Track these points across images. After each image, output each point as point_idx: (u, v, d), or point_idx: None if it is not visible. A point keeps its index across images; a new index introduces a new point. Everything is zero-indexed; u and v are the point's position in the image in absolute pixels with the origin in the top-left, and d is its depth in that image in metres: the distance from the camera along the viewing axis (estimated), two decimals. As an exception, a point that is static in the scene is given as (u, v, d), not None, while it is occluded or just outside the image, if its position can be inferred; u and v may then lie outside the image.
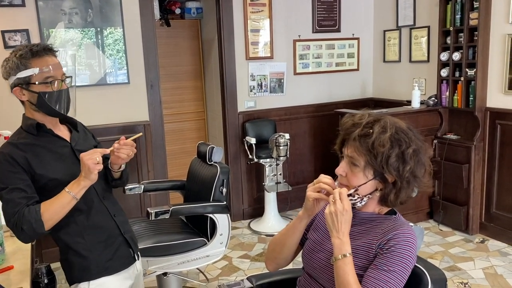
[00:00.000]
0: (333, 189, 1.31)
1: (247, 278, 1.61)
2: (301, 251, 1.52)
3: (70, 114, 1.68)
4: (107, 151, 1.61)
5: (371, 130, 1.28)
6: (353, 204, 1.33)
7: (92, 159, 1.51)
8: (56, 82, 1.59)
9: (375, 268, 1.25)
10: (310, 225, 1.52)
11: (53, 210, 1.54)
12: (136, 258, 1.85)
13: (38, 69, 1.56)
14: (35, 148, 1.61)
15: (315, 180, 1.38)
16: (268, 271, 1.62)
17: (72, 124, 1.78)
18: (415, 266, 1.31)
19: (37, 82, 1.57)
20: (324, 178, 1.35)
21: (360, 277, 1.26)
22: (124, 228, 1.81)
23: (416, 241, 1.29)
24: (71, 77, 1.67)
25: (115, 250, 1.75)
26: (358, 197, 1.32)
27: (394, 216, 1.37)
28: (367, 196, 1.33)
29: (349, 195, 1.30)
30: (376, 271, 1.24)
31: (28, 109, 1.65)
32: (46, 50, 1.60)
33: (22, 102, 1.65)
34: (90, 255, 1.69)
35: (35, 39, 3.38)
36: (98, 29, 3.57)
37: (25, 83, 1.58)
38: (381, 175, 1.30)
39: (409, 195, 1.33)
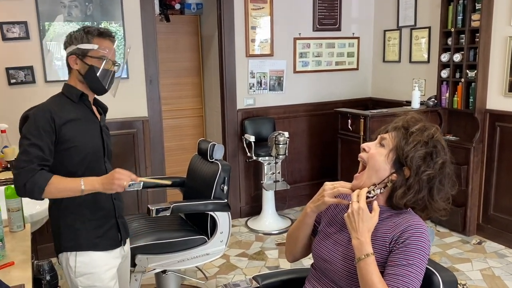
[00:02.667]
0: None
1: (253, 278, 1.59)
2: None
3: (110, 93, 1.86)
4: (137, 179, 1.70)
5: (415, 124, 1.34)
6: (370, 194, 1.34)
7: (120, 182, 1.63)
8: (108, 62, 1.77)
9: (393, 264, 1.24)
10: (320, 219, 1.53)
11: (60, 188, 1.64)
12: (122, 243, 1.92)
13: (98, 47, 1.75)
14: (72, 111, 1.75)
15: (330, 184, 1.40)
16: (271, 271, 1.67)
17: (102, 108, 1.94)
18: (426, 267, 1.30)
19: (92, 56, 1.75)
20: (344, 183, 1.41)
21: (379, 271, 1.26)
22: (119, 213, 1.90)
23: (428, 231, 1.29)
24: (119, 65, 1.87)
25: (106, 230, 1.84)
26: (374, 195, 1.33)
27: (405, 210, 1.37)
28: (379, 188, 1.33)
29: (368, 192, 1.32)
30: (395, 267, 1.24)
31: (74, 78, 1.80)
32: (110, 35, 1.81)
33: (70, 70, 1.80)
34: (82, 228, 1.78)
35: (33, 32, 3.33)
36: (97, 23, 3.53)
37: (82, 54, 1.75)
38: (399, 166, 1.31)
39: (416, 205, 1.33)
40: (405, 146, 1.30)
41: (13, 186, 1.81)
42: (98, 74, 1.75)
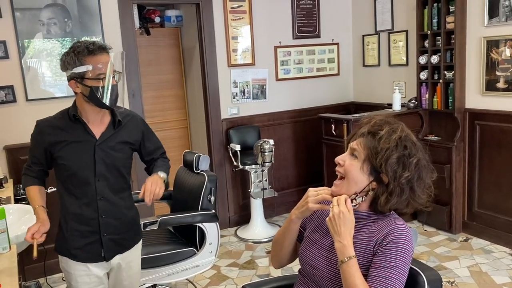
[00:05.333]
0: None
1: (242, 287, 1.60)
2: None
3: (118, 103, 1.87)
4: (37, 239, 1.79)
5: (381, 129, 1.33)
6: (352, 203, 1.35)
7: (30, 234, 1.77)
8: (106, 78, 1.77)
9: (377, 266, 1.26)
10: (305, 225, 1.54)
11: (29, 197, 1.92)
12: (105, 259, 1.94)
13: (92, 66, 1.76)
14: (64, 133, 1.85)
15: (313, 190, 1.41)
16: (261, 280, 1.66)
17: (114, 121, 1.92)
18: (410, 267, 1.32)
19: (90, 77, 1.76)
20: (327, 190, 1.41)
21: (363, 275, 1.27)
22: (107, 230, 1.91)
23: (411, 235, 1.31)
24: (120, 72, 1.85)
25: (87, 243, 1.90)
26: (357, 203, 1.35)
27: (388, 213, 1.39)
28: (361, 196, 1.35)
29: (351, 200, 1.33)
30: (378, 269, 1.26)
31: (79, 99, 1.85)
32: (100, 49, 1.79)
33: (75, 93, 1.85)
34: (67, 236, 1.90)
35: (12, 51, 3.31)
36: (77, 38, 3.52)
37: (80, 77, 1.77)
38: (376, 174, 1.32)
39: (400, 206, 1.34)
40: (377, 155, 1.30)
41: (-4, 207, 1.81)
42: (99, 95, 1.76)
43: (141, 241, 2.08)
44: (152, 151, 2.08)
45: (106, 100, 1.78)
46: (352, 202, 1.34)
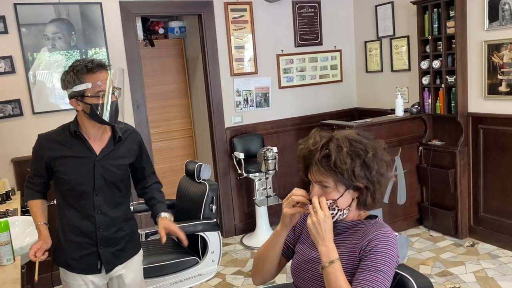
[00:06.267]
0: (309, 199, 1.37)
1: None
2: (287, 264, 1.54)
3: (119, 119, 1.89)
4: (39, 256, 1.85)
5: (327, 151, 1.33)
6: (335, 217, 1.36)
7: (33, 252, 1.83)
8: (106, 95, 1.80)
9: (361, 270, 1.28)
10: (297, 238, 1.54)
11: (31, 211, 1.97)
12: (103, 271, 1.97)
13: (91, 84, 1.78)
14: (65, 148, 1.89)
15: (288, 195, 1.42)
16: (267, 286, 1.65)
17: (114, 137, 1.95)
18: (401, 275, 1.34)
19: (90, 95, 1.78)
20: (297, 191, 1.41)
21: (349, 282, 1.29)
22: (104, 243, 1.94)
23: (395, 240, 1.33)
24: (120, 88, 1.87)
25: (84, 255, 1.93)
26: (338, 209, 1.36)
27: (374, 220, 1.42)
28: (346, 208, 1.38)
29: (328, 207, 1.34)
30: (362, 273, 1.28)
31: (81, 115, 1.88)
32: (99, 67, 1.82)
33: (77, 110, 1.88)
34: (65, 247, 1.94)
35: (18, 65, 3.39)
36: (83, 50, 3.59)
37: (80, 96, 1.81)
38: (353, 186, 1.35)
39: (383, 193, 1.38)
40: (342, 175, 1.32)
41: (1, 220, 1.86)
42: (99, 112, 1.79)
43: (141, 251, 2.11)
44: (144, 169, 2.11)
45: (106, 117, 1.81)
46: (331, 208, 1.35)
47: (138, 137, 2.06)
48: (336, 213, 1.37)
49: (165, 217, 2.04)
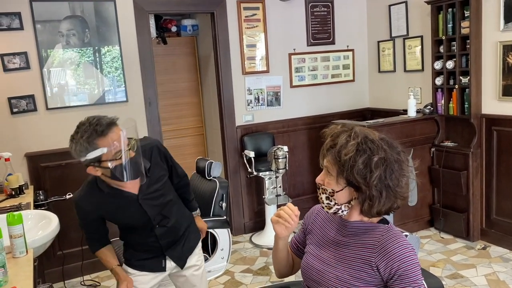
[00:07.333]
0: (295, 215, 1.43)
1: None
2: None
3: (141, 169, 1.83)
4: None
5: (338, 139, 1.33)
6: (332, 209, 1.37)
7: None
8: (123, 154, 1.72)
9: None
10: (303, 240, 1.57)
11: (102, 260, 2.08)
12: (166, 269, 2.09)
13: (106, 149, 1.68)
14: (105, 205, 1.91)
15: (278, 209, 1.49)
16: (268, 285, 1.66)
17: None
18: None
19: (107, 159, 1.71)
20: (287, 206, 1.46)
21: None
22: (169, 249, 2.05)
23: (415, 250, 1.30)
24: (135, 139, 1.78)
25: (148, 258, 2.05)
26: (335, 202, 1.35)
27: (386, 225, 1.37)
28: (345, 205, 1.35)
29: (327, 197, 1.36)
30: None
31: (103, 176, 1.83)
32: (109, 126, 1.70)
33: None
34: (131, 251, 2.08)
35: (33, 61, 3.43)
36: (96, 47, 3.63)
37: (97, 161, 1.72)
38: (353, 184, 1.31)
39: (388, 205, 1.31)
40: (343, 167, 1.29)
41: (15, 213, 1.87)
42: (119, 174, 1.73)
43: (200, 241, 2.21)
44: (175, 170, 2.16)
45: (130, 176, 1.76)
46: (344, 211, 1.37)
47: (157, 149, 2.01)
48: (333, 205, 1.35)
49: (198, 215, 2.24)
